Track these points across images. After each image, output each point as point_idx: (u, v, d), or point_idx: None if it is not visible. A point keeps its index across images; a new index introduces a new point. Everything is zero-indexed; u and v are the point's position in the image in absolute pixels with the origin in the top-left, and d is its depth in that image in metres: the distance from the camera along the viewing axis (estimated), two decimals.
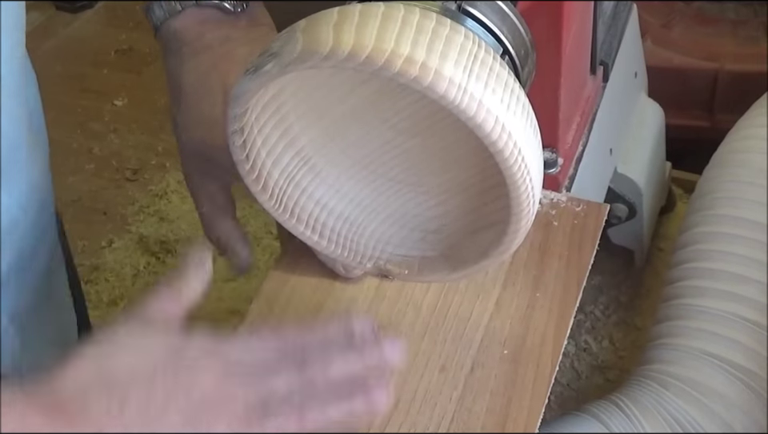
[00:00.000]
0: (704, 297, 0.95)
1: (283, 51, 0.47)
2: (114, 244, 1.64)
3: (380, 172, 0.58)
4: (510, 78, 0.47)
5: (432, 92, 0.45)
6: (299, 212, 0.58)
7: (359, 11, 0.46)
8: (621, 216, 1.04)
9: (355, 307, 0.64)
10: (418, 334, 0.63)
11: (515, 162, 0.47)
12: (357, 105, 0.54)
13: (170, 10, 0.64)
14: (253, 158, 0.54)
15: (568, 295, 0.64)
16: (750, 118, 1.06)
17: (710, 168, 1.05)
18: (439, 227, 0.58)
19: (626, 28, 0.92)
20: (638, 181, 1.03)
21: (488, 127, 0.46)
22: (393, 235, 0.60)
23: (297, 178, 0.57)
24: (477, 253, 0.55)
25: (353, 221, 0.59)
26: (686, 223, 1.02)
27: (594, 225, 0.69)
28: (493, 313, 0.63)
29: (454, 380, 0.60)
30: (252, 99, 0.50)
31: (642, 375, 0.96)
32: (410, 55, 0.44)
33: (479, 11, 0.50)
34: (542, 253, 0.67)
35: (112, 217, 1.69)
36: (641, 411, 0.92)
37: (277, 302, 0.65)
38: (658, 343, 0.97)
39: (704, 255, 0.97)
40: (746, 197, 0.97)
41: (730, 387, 0.91)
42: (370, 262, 0.60)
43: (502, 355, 0.61)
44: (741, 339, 0.92)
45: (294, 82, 0.52)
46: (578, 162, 0.77)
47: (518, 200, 0.49)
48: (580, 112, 0.79)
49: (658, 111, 1.13)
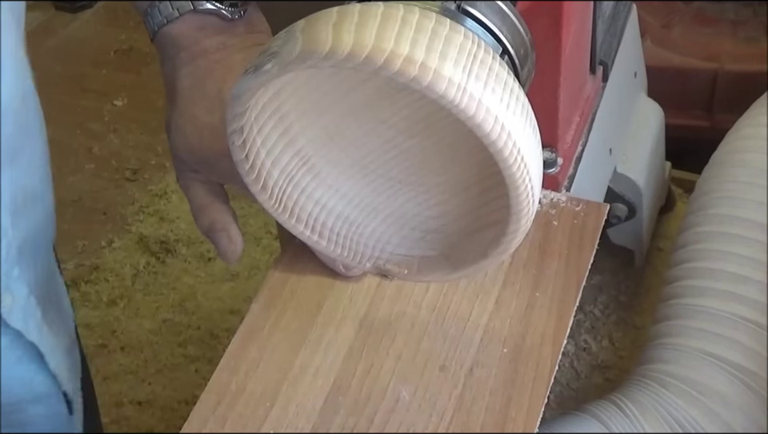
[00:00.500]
0: (704, 297, 0.94)
1: (283, 51, 0.47)
2: (114, 244, 1.64)
3: (379, 172, 0.58)
4: (509, 77, 0.47)
5: (431, 92, 0.45)
6: (299, 212, 0.58)
7: (359, 11, 0.46)
8: (620, 216, 1.04)
9: (354, 306, 0.64)
10: (417, 333, 0.63)
11: (515, 162, 0.47)
12: (356, 105, 0.54)
13: (168, 16, 0.64)
14: (252, 157, 0.54)
15: (568, 294, 0.64)
16: (750, 118, 1.06)
17: (709, 168, 1.05)
18: (439, 226, 0.58)
19: (626, 28, 0.92)
20: (637, 181, 1.03)
21: (487, 127, 0.46)
22: (393, 235, 0.60)
23: (296, 178, 0.57)
24: (476, 253, 0.56)
25: (352, 221, 0.59)
26: (686, 222, 1.02)
27: (594, 225, 0.69)
28: (492, 312, 0.63)
29: (453, 379, 0.60)
30: (251, 99, 0.50)
31: (641, 375, 0.96)
32: (410, 55, 0.44)
33: (479, 11, 0.50)
34: (542, 252, 0.67)
35: (112, 217, 1.69)
36: (640, 411, 0.92)
37: (276, 301, 0.65)
38: (658, 342, 0.97)
39: (704, 254, 0.97)
40: (745, 197, 0.97)
41: (729, 387, 0.91)
42: (370, 262, 0.60)
43: (502, 355, 0.61)
44: (741, 339, 0.92)
45: (293, 81, 0.52)
46: (577, 162, 0.77)
47: (517, 200, 0.49)
48: (579, 112, 0.79)
49: (658, 111, 1.13)
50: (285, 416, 0.59)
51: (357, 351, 0.62)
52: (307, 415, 0.59)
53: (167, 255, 1.62)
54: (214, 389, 0.60)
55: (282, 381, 0.60)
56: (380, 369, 0.61)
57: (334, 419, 0.59)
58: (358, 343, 0.62)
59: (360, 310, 0.64)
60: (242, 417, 0.59)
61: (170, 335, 1.54)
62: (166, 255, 1.62)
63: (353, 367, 0.61)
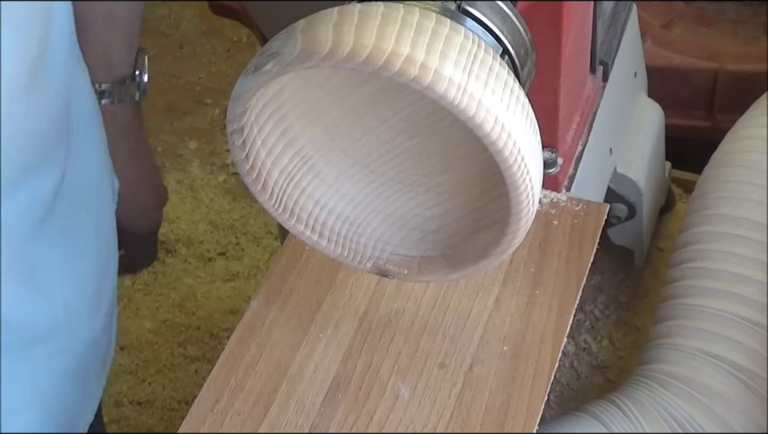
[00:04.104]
0: (704, 297, 0.94)
1: (283, 51, 0.47)
2: None
3: (380, 172, 0.58)
4: (509, 77, 0.47)
5: (432, 92, 0.45)
6: (299, 212, 0.58)
7: (359, 11, 0.46)
8: (621, 216, 1.04)
9: (354, 304, 0.64)
10: (416, 330, 0.63)
11: (515, 162, 0.47)
12: (356, 105, 0.54)
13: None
14: (253, 157, 0.54)
15: (568, 293, 0.64)
16: (750, 118, 1.06)
17: (709, 168, 1.05)
18: (439, 226, 0.59)
19: (626, 28, 0.92)
20: (637, 181, 1.03)
21: (488, 127, 0.46)
22: (393, 235, 0.60)
23: (297, 178, 0.57)
24: (477, 253, 0.56)
25: (352, 221, 0.60)
26: (686, 222, 1.02)
27: (594, 224, 0.69)
28: (492, 310, 0.64)
29: (452, 377, 0.60)
30: (252, 99, 0.50)
31: (641, 375, 0.96)
32: (410, 55, 0.44)
33: (479, 11, 0.51)
34: (542, 252, 0.67)
35: None
36: (640, 411, 0.92)
37: (276, 298, 0.65)
38: (658, 342, 0.97)
39: (704, 254, 0.97)
40: (746, 197, 0.97)
41: (730, 387, 0.91)
42: (370, 262, 0.60)
43: (502, 353, 0.61)
44: (741, 339, 0.92)
45: (293, 81, 0.52)
46: (577, 162, 0.77)
47: (517, 200, 0.49)
48: (580, 112, 0.80)
49: (658, 111, 1.13)
50: (284, 414, 0.59)
51: (356, 349, 0.62)
52: (306, 413, 0.59)
53: (167, 255, 1.62)
54: (213, 386, 0.61)
55: (281, 378, 0.61)
56: (379, 366, 0.61)
57: (333, 417, 0.59)
58: (358, 340, 0.63)
59: (360, 307, 0.64)
60: (241, 414, 0.59)
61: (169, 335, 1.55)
62: (165, 255, 1.62)
63: (352, 365, 0.61)
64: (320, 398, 0.60)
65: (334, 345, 0.62)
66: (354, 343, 0.62)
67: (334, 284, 0.66)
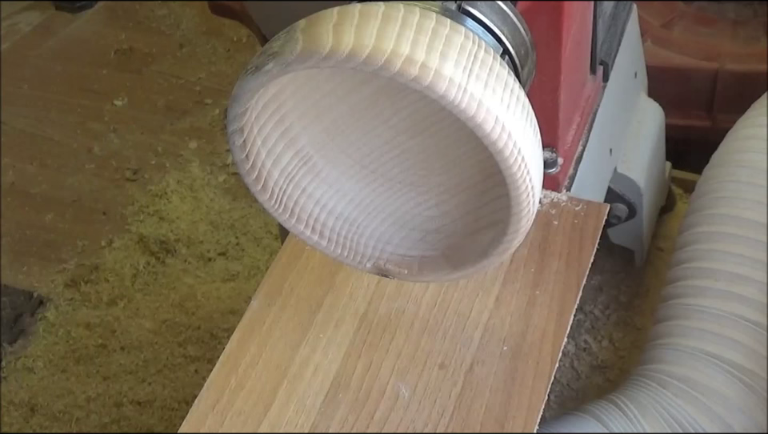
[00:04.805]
0: (704, 297, 0.95)
1: (283, 51, 0.47)
2: (114, 244, 1.64)
3: (380, 172, 0.58)
4: (509, 77, 0.47)
5: (432, 92, 0.45)
6: (299, 212, 0.58)
7: (359, 11, 0.46)
8: (621, 216, 1.04)
9: (354, 304, 0.64)
10: (417, 331, 0.63)
11: (515, 162, 0.47)
12: (357, 105, 0.54)
13: None
14: (253, 158, 0.54)
15: (568, 293, 0.64)
16: (750, 118, 1.06)
17: (709, 168, 1.05)
18: (439, 226, 0.59)
19: (626, 28, 0.92)
20: (638, 181, 1.03)
21: (488, 127, 0.46)
22: (393, 235, 0.60)
23: (297, 178, 0.57)
24: (477, 253, 0.56)
25: (353, 221, 0.60)
26: (686, 222, 1.02)
27: (594, 224, 0.69)
28: (492, 310, 0.64)
29: (453, 377, 0.60)
30: (252, 99, 0.50)
31: (641, 375, 0.96)
32: (410, 55, 0.44)
33: (479, 11, 0.51)
34: (542, 252, 0.67)
35: (112, 217, 1.69)
36: (640, 411, 0.92)
37: (276, 298, 0.65)
38: (658, 342, 0.97)
39: (704, 254, 0.97)
40: (746, 197, 0.97)
41: (730, 387, 0.91)
42: (370, 262, 0.60)
43: (502, 352, 0.61)
44: (741, 339, 0.92)
45: (293, 81, 0.52)
46: (577, 162, 0.77)
47: (517, 200, 0.49)
48: (580, 112, 0.80)
49: (658, 111, 1.13)
50: (284, 413, 0.59)
51: (356, 349, 0.62)
52: (307, 413, 0.59)
53: (167, 255, 1.62)
54: (214, 386, 0.61)
55: (281, 378, 0.61)
56: (380, 367, 0.61)
57: (333, 417, 0.59)
58: (358, 340, 0.63)
59: (360, 307, 0.64)
60: (241, 414, 0.59)
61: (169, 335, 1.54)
62: (165, 255, 1.62)
63: (352, 365, 0.61)
64: (320, 398, 0.60)
65: (334, 345, 0.62)
66: (354, 343, 0.62)
67: (334, 284, 0.66)
